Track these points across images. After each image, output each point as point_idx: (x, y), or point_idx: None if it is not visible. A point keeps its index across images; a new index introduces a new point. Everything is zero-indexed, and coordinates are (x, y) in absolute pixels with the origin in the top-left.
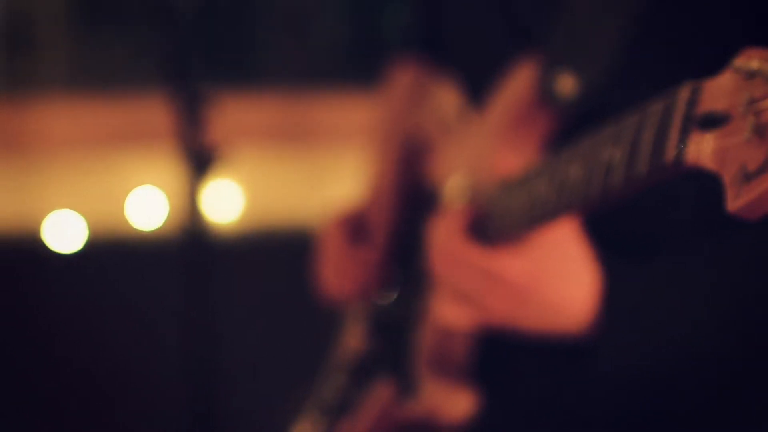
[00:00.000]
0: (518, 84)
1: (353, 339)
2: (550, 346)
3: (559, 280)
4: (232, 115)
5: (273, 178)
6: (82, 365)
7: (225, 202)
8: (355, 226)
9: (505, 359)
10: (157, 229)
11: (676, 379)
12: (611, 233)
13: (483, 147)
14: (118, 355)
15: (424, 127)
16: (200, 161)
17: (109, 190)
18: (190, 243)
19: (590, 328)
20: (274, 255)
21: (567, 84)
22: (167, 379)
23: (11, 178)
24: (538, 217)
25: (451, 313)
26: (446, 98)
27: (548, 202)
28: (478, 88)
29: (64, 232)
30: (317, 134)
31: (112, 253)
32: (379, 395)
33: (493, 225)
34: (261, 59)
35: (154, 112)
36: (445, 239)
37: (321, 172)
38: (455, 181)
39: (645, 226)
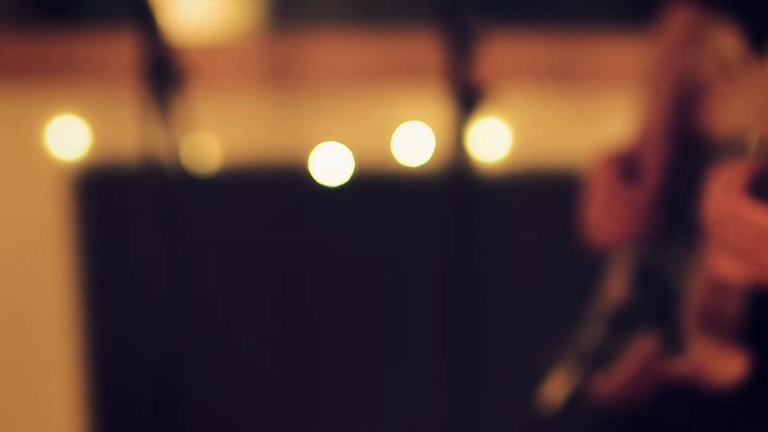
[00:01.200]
0: None
1: (615, 288)
2: None
3: None
4: (501, 53)
5: (540, 119)
6: (344, 293)
7: (492, 141)
8: (626, 164)
9: None
10: (422, 166)
11: None
12: None
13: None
14: (378, 289)
15: (701, 69)
16: (468, 99)
17: (376, 125)
18: (456, 181)
19: None
20: (540, 196)
21: None
22: (425, 310)
23: (282, 109)
24: None
25: (725, 266)
26: (727, 41)
27: None
28: (761, 34)
29: (332, 165)
30: (587, 75)
31: (377, 188)
32: (642, 348)
33: None
34: None
35: (424, 48)
36: (723, 194)
37: (590, 114)
38: (741, 130)
39: None
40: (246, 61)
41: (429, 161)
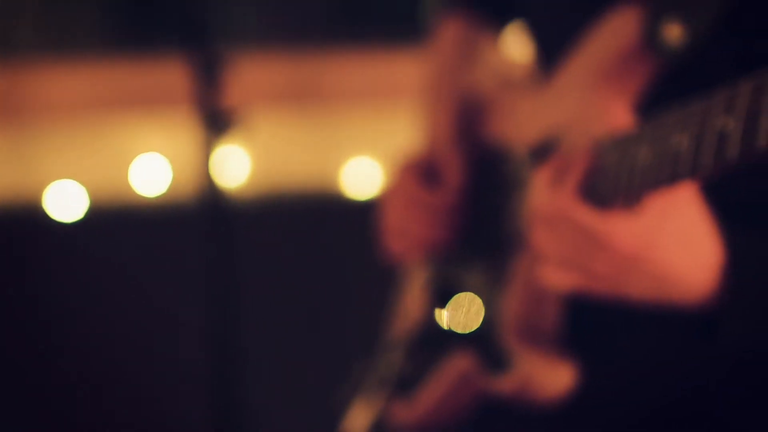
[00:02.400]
0: (620, 30)
1: (412, 309)
2: (661, 315)
3: (674, 249)
4: (247, 78)
5: (285, 140)
6: (88, 342)
7: (236, 166)
8: (426, 169)
9: (602, 327)
10: (161, 196)
11: None
12: (732, 199)
13: (581, 96)
14: (129, 327)
15: (480, 83)
16: (217, 124)
17: (110, 158)
18: (205, 207)
19: (712, 300)
20: (288, 218)
21: (674, 33)
22: (186, 352)
23: (9, 147)
24: (656, 180)
25: (550, 274)
26: (503, 53)
27: (666, 165)
28: (546, 48)
29: (66, 202)
30: (328, 94)
31: (116, 222)
32: (456, 367)
33: (604, 184)
34: (270, 18)
35: (166, 76)
36: (554, 194)
37: (333, 133)
38: (550, 134)
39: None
40: None
41: (168, 191)
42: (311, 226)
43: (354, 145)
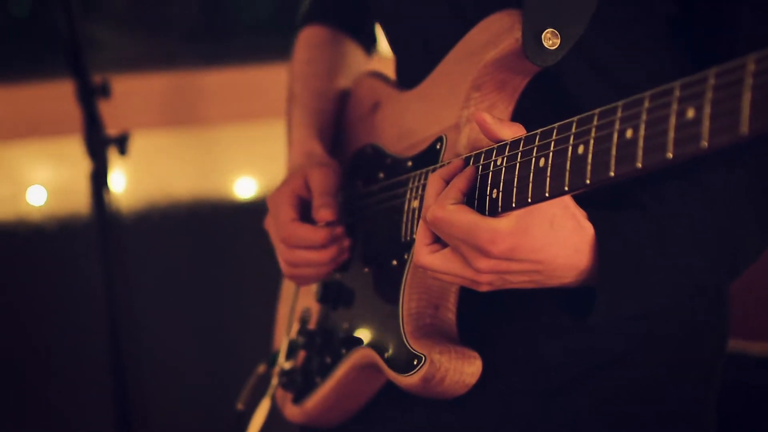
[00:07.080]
0: (500, 36)
1: (305, 308)
2: (542, 296)
3: (546, 237)
4: (125, 98)
5: (167, 158)
6: None
7: (123, 185)
8: (301, 202)
9: (484, 318)
10: (53, 216)
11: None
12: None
13: (463, 100)
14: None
15: (350, 92)
16: (98, 147)
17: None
18: (97, 226)
19: (587, 278)
20: (178, 227)
21: (551, 40)
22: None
23: None
24: (549, 191)
25: (438, 275)
26: (367, 60)
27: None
28: (405, 49)
29: None
30: (205, 114)
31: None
32: (356, 361)
33: (496, 192)
34: (144, 42)
35: (41, 104)
36: (439, 202)
37: (210, 147)
38: (433, 139)
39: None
40: None
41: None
42: (200, 233)
43: (232, 159)
